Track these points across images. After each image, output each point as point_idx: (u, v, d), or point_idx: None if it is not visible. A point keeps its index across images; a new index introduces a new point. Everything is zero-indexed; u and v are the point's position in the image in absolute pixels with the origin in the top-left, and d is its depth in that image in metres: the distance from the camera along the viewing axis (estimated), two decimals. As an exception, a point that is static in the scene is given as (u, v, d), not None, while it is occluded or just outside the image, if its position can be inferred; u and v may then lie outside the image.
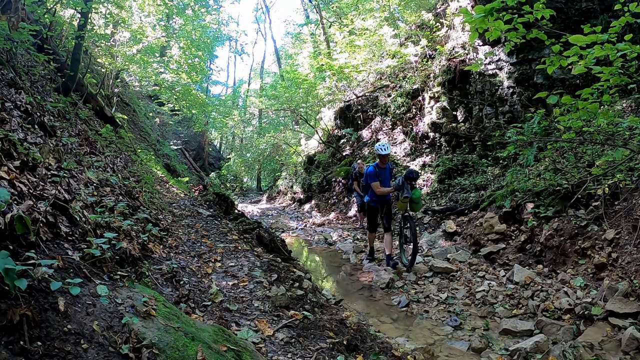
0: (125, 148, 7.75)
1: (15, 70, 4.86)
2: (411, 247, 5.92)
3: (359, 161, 9.49)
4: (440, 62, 10.09)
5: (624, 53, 2.87)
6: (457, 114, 9.46)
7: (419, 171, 9.15)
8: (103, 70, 9.99)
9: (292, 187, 17.68)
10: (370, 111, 13.27)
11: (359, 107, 13.70)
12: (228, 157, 27.90)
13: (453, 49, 9.64)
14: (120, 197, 4.02)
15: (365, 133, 13.21)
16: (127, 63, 10.86)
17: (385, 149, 5.96)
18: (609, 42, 2.86)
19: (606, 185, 4.57)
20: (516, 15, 3.28)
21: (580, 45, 2.92)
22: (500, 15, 3.26)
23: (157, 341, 1.80)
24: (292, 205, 16.30)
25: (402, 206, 6.04)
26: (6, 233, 1.80)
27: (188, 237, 4.74)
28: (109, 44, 10.32)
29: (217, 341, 2.13)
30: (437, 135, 9.91)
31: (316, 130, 15.85)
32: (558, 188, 5.30)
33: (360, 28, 13.17)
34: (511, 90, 7.88)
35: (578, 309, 3.89)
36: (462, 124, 9.31)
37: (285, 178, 19.05)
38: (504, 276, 5.17)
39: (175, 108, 16.75)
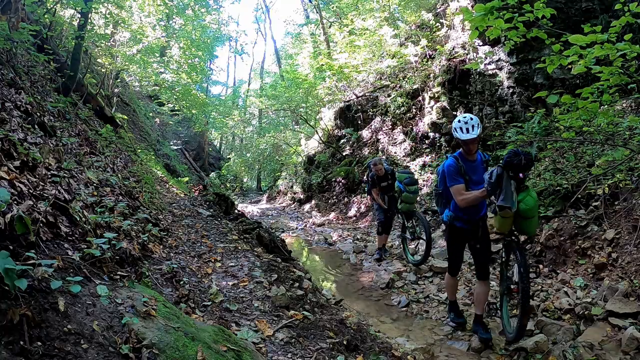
0: (125, 148, 7.75)
1: (15, 70, 4.86)
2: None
3: (374, 160, 6.92)
4: (440, 62, 10.08)
5: (624, 53, 2.87)
6: (457, 114, 9.46)
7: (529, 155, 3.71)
8: (103, 70, 9.99)
9: (292, 187, 17.68)
10: (370, 111, 13.27)
11: (359, 107, 13.70)
12: (228, 157, 27.90)
13: (453, 49, 9.64)
14: (120, 197, 4.02)
15: (365, 133, 13.21)
16: (127, 63, 10.87)
17: (470, 129, 3.41)
18: (608, 41, 2.86)
19: (606, 185, 4.57)
20: (517, 14, 3.29)
21: (580, 45, 2.92)
22: (501, 14, 3.26)
23: (157, 341, 1.80)
24: (292, 205, 16.30)
25: (503, 225, 3.47)
26: (6, 233, 1.80)
27: (188, 237, 4.74)
28: (109, 44, 10.32)
29: (217, 341, 2.13)
30: (437, 135, 9.90)
31: (316, 130, 15.85)
32: (558, 188, 5.30)
33: (360, 28, 13.17)
34: (511, 90, 7.88)
35: (578, 309, 3.89)
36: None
37: (285, 178, 19.04)
38: (504, 276, 5.16)
39: (175, 108, 16.76)
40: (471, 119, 3.42)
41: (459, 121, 3.44)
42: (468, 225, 3.69)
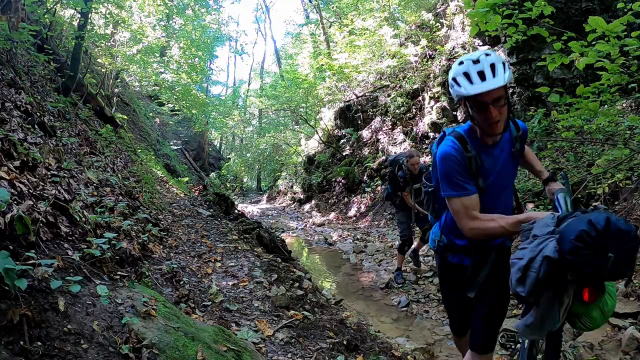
0: (125, 148, 7.75)
1: (15, 70, 4.86)
2: None
3: (410, 151, 5.36)
4: (440, 62, 10.09)
5: (626, 51, 2.87)
6: (457, 114, 9.46)
7: None
8: (103, 70, 9.99)
9: (292, 187, 17.69)
10: (370, 111, 13.27)
11: (359, 107, 13.70)
12: (228, 157, 27.91)
13: (453, 49, 9.64)
14: (120, 197, 4.01)
15: (365, 133, 13.22)
16: (127, 63, 10.87)
17: (487, 73, 1.60)
18: (617, 38, 2.85)
19: (606, 185, 4.57)
20: (517, 11, 3.29)
21: (582, 44, 2.93)
22: (501, 10, 3.27)
23: (157, 341, 1.80)
24: (292, 205, 16.30)
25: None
26: (6, 233, 1.80)
27: (188, 237, 4.74)
28: (109, 44, 10.32)
29: (217, 341, 2.13)
30: (437, 135, 9.91)
31: (316, 130, 15.85)
32: (558, 188, 5.29)
33: (360, 28, 13.18)
34: (511, 90, 7.88)
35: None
36: (462, 124, 9.32)
37: (285, 178, 19.05)
38: (504, 276, 5.15)
39: (175, 108, 16.76)
40: (486, 55, 1.66)
41: (461, 63, 1.69)
42: (470, 260, 1.97)
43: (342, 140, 14.55)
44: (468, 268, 1.96)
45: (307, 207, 14.71)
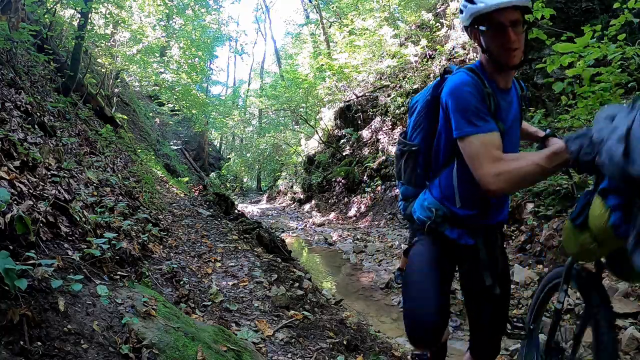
0: (125, 148, 7.75)
1: (15, 70, 4.86)
2: None
3: None
4: (440, 62, 10.09)
5: (623, 52, 2.89)
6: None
7: None
8: (103, 70, 9.99)
9: (292, 187, 17.69)
10: (370, 111, 13.27)
11: (359, 107, 13.71)
12: (228, 157, 27.92)
13: (453, 49, 9.65)
14: (120, 197, 4.02)
15: (365, 133, 13.22)
16: (127, 63, 10.88)
17: None
18: (602, 42, 2.89)
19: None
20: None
21: (580, 44, 2.94)
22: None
23: (157, 341, 1.80)
24: (292, 205, 16.31)
25: (588, 248, 1.46)
26: (6, 233, 1.80)
27: (188, 237, 4.74)
28: (109, 44, 10.32)
29: (217, 341, 2.13)
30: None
31: (316, 130, 15.86)
32: (558, 188, 5.30)
33: (360, 28, 13.18)
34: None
35: (578, 309, 3.89)
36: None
37: (285, 178, 19.06)
38: (504, 276, 5.15)
39: (175, 108, 16.77)
40: None
41: None
42: (473, 238, 1.63)
43: (342, 140, 14.55)
44: (470, 249, 1.62)
45: (307, 207, 14.72)
